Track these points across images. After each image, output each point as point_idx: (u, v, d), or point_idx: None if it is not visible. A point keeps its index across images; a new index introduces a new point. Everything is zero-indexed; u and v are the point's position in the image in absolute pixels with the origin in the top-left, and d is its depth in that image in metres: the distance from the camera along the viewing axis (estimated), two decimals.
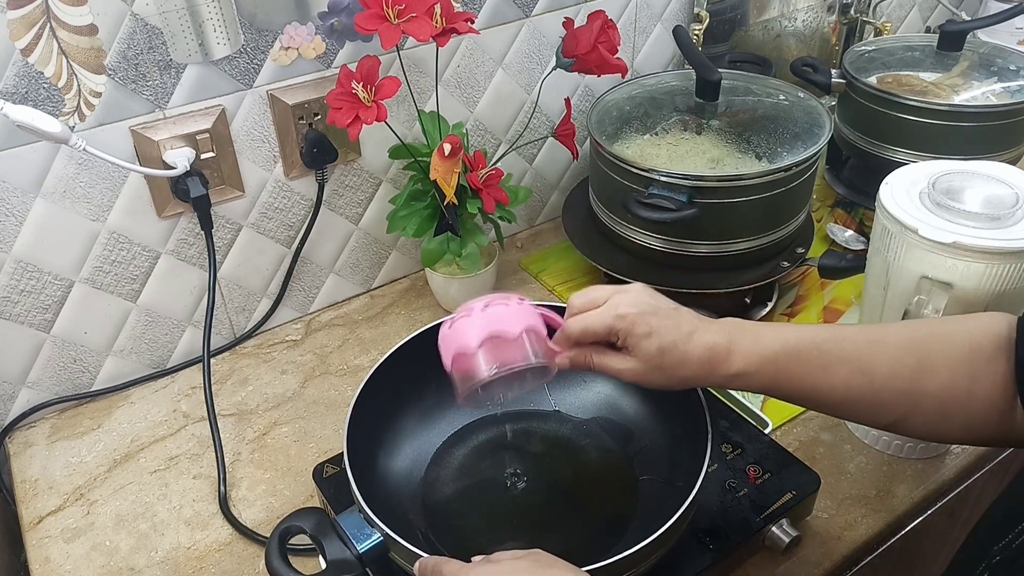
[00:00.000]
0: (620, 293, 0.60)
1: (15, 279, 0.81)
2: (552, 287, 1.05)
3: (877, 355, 0.55)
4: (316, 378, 0.93)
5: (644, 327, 0.57)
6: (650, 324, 0.58)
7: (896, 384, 0.55)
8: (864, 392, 0.56)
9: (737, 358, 0.57)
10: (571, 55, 0.91)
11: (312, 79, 0.89)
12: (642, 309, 0.58)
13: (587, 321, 0.59)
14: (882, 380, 0.55)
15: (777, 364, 0.57)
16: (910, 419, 0.56)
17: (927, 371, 0.54)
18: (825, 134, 0.93)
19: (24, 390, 0.87)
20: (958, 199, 0.69)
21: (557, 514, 0.70)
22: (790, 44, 1.30)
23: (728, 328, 0.59)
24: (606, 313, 0.59)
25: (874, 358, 0.55)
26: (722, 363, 0.57)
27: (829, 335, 0.58)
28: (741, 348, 0.57)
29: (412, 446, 0.75)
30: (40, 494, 0.81)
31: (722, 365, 0.57)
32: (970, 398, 0.53)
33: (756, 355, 0.57)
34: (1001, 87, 1.07)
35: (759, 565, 0.70)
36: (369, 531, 0.59)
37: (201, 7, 0.79)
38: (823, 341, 0.57)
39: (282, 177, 0.92)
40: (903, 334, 0.57)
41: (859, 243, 1.08)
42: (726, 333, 0.58)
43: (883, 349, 0.56)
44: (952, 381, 0.53)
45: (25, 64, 0.73)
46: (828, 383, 0.56)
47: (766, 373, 0.57)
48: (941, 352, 0.54)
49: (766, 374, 0.57)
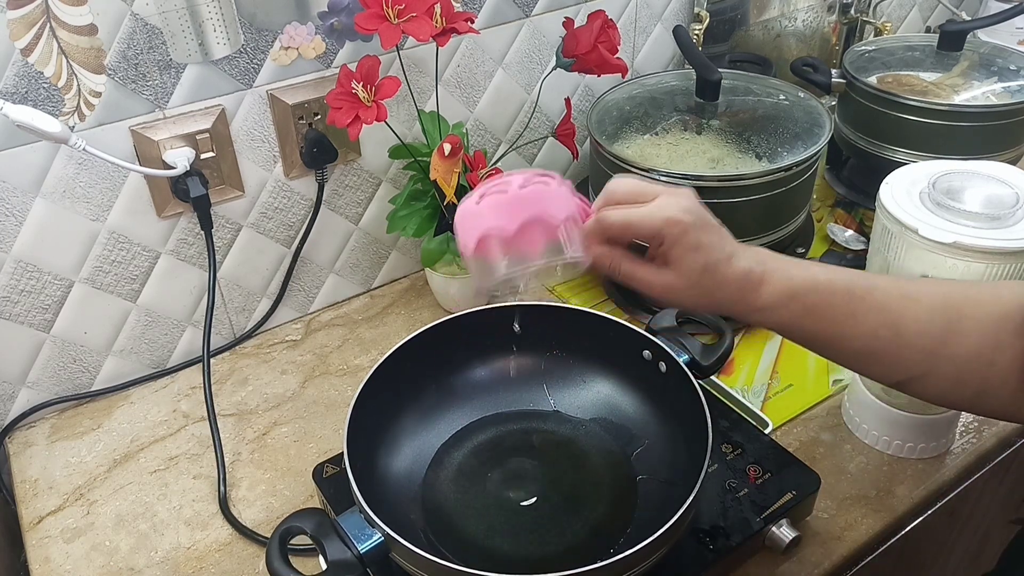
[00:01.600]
0: (670, 194, 0.54)
1: (15, 279, 0.81)
2: (552, 287, 1.05)
3: (908, 310, 0.53)
4: (316, 378, 0.93)
5: (694, 239, 0.53)
6: (700, 238, 0.53)
7: (922, 342, 0.53)
8: (888, 346, 0.54)
9: (767, 289, 0.54)
10: (571, 55, 0.91)
11: (312, 79, 0.89)
12: (695, 219, 0.53)
13: (632, 217, 0.53)
14: (909, 336, 0.53)
15: (805, 302, 0.54)
16: (924, 379, 0.54)
17: (955, 334, 0.52)
18: (825, 134, 0.93)
19: (24, 390, 0.87)
20: (958, 199, 0.69)
21: (557, 514, 0.70)
22: (790, 44, 1.29)
23: (762, 257, 0.56)
24: (657, 214, 0.53)
25: (905, 313, 0.53)
26: (753, 291, 0.55)
27: (862, 282, 0.55)
28: (773, 279, 0.54)
29: (412, 446, 0.75)
30: (40, 494, 0.81)
31: (752, 294, 0.55)
32: (990, 368, 0.52)
33: (786, 289, 0.54)
34: (1001, 87, 1.07)
35: (759, 565, 0.70)
36: (370, 531, 0.59)
37: (201, 7, 0.79)
38: (855, 287, 0.54)
39: (282, 177, 0.92)
40: (938, 293, 0.54)
41: (859, 243, 1.08)
42: (760, 262, 0.55)
43: (915, 305, 0.53)
44: (978, 348, 0.52)
45: (25, 64, 0.73)
46: (853, 330, 0.54)
47: (792, 309, 0.54)
48: (972, 316, 0.52)
49: (792, 310, 0.55)
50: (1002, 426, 0.84)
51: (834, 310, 0.54)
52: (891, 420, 0.79)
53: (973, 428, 0.84)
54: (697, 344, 0.74)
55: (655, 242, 0.54)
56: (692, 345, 0.74)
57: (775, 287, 0.54)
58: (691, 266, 0.53)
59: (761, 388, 0.88)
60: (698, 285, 0.54)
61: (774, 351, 0.93)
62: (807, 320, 0.55)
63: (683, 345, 0.73)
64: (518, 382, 0.80)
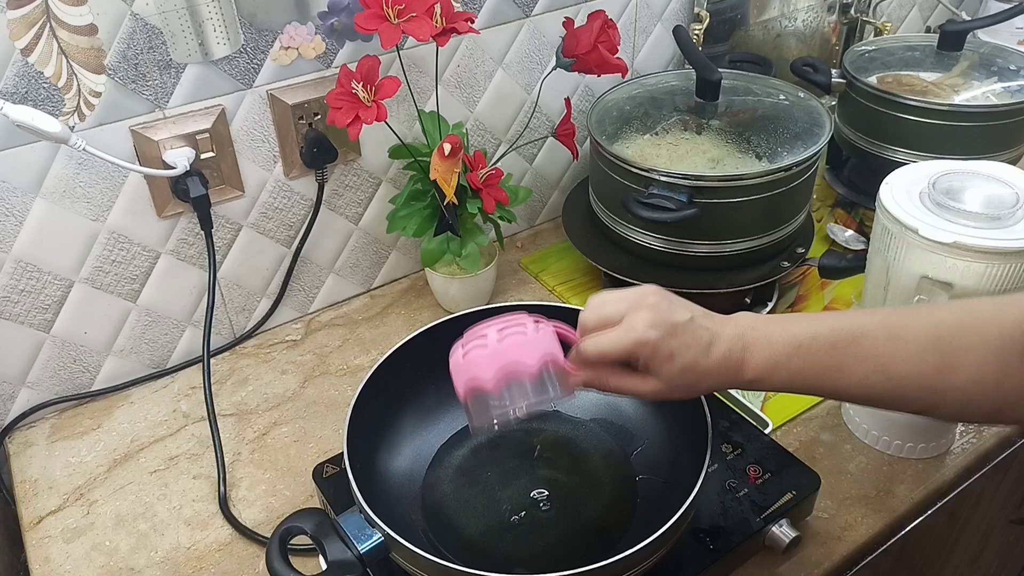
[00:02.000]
0: (635, 310, 0.56)
1: (15, 279, 0.81)
2: (552, 287, 1.05)
3: (897, 352, 0.53)
4: (316, 378, 0.93)
5: (665, 351, 0.55)
6: (671, 346, 0.55)
7: (917, 381, 0.53)
8: (884, 389, 0.54)
9: (751, 365, 0.56)
10: (571, 55, 0.91)
11: (312, 79, 0.89)
12: (662, 332, 0.55)
13: (603, 346, 0.56)
14: (901, 378, 0.53)
15: (790, 367, 0.55)
16: (935, 409, 0.55)
17: (951, 368, 0.52)
18: (825, 134, 0.93)
19: (24, 390, 0.87)
20: (958, 199, 0.69)
21: (557, 514, 0.70)
22: (790, 44, 1.29)
23: (741, 330, 0.57)
24: (624, 337, 0.56)
25: (894, 356, 0.53)
26: (736, 372, 0.56)
27: (846, 331, 0.55)
28: (754, 354, 0.56)
29: (412, 446, 0.75)
30: (40, 494, 0.81)
31: (737, 374, 0.56)
32: (999, 390, 0.52)
33: (769, 360, 0.56)
34: (1001, 87, 1.07)
35: (759, 565, 0.70)
36: (370, 531, 0.59)
37: (201, 7, 0.79)
38: (838, 339, 0.55)
39: (282, 177, 0.92)
40: (927, 328, 0.54)
41: (859, 243, 1.08)
42: (739, 337, 0.56)
43: (903, 347, 0.53)
44: (979, 376, 0.52)
45: (25, 64, 0.73)
46: (844, 382, 0.55)
47: (780, 376, 0.56)
48: (968, 348, 0.52)
49: (780, 377, 0.56)
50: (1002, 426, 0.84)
51: (820, 368, 0.55)
52: (891, 420, 0.79)
53: (973, 428, 0.83)
54: None
55: (632, 360, 0.57)
56: None
57: (757, 362, 0.56)
58: (670, 373, 0.56)
59: None
60: (682, 385, 0.57)
61: None
62: (797, 381, 0.56)
63: None
64: None
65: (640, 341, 0.55)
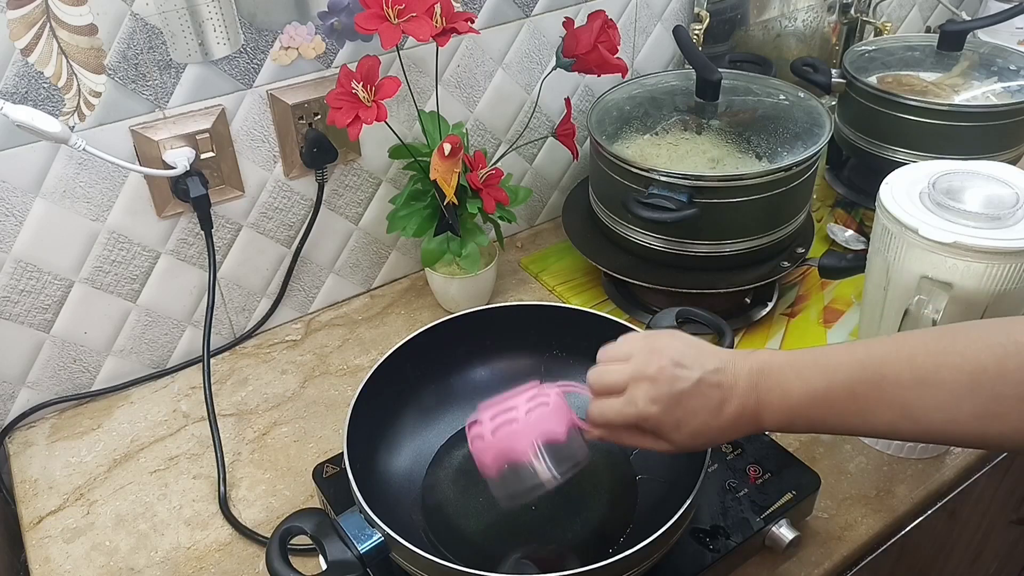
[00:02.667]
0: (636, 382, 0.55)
1: (15, 279, 0.81)
2: (552, 287, 1.05)
3: (927, 399, 0.48)
4: (316, 378, 0.93)
5: (671, 421, 0.54)
6: (676, 416, 0.54)
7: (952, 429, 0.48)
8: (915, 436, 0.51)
9: (768, 417, 0.54)
10: (571, 55, 0.91)
11: (312, 79, 0.89)
12: (663, 406, 0.54)
13: (608, 416, 0.56)
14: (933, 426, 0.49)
15: (810, 417, 0.53)
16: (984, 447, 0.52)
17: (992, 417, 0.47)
18: (825, 134, 0.93)
19: (24, 390, 0.87)
20: (958, 199, 0.69)
21: (557, 514, 0.70)
22: (790, 44, 1.29)
23: (754, 380, 0.54)
24: (626, 411, 0.55)
25: (923, 403, 0.49)
26: (753, 425, 0.55)
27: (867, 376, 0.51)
28: (769, 406, 0.54)
29: (412, 446, 0.75)
30: (40, 494, 0.81)
31: (754, 427, 0.55)
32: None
33: (786, 412, 0.53)
34: (1001, 87, 1.07)
35: (759, 565, 0.70)
36: (370, 531, 0.59)
37: (201, 7, 0.79)
38: (856, 384, 0.51)
39: (282, 177, 0.92)
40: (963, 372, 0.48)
41: (859, 243, 1.08)
42: (752, 390, 0.54)
43: (935, 393, 0.48)
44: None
45: (25, 64, 0.73)
46: (868, 427, 0.52)
47: (800, 424, 0.54)
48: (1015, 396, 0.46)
49: (801, 425, 0.54)
50: None
51: (841, 415, 0.52)
52: None
53: None
54: None
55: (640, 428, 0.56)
56: None
57: (774, 413, 0.54)
58: (680, 439, 0.55)
59: None
60: (697, 445, 0.56)
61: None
62: (819, 427, 0.54)
63: None
64: (518, 382, 0.79)
65: (642, 416, 0.55)
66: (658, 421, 0.54)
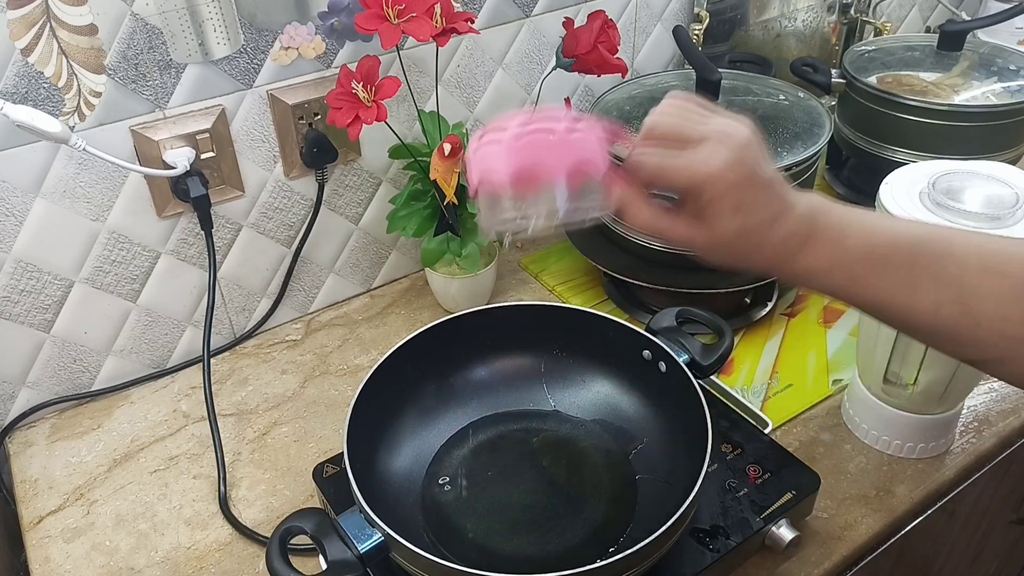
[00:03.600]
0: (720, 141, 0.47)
1: (15, 279, 0.81)
2: (552, 287, 1.05)
3: (987, 287, 0.45)
4: (316, 378, 0.93)
5: (735, 199, 0.47)
6: (743, 198, 0.47)
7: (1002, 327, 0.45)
8: (957, 325, 0.46)
9: (809, 255, 0.48)
10: (571, 55, 0.91)
11: (312, 79, 0.89)
12: (741, 176, 0.46)
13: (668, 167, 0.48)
14: (982, 318, 0.45)
15: (854, 272, 0.47)
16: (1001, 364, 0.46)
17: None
18: (825, 134, 0.93)
19: (24, 390, 0.87)
20: (958, 199, 0.69)
21: (557, 514, 0.70)
22: (790, 44, 1.30)
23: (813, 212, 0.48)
24: (699, 167, 0.47)
25: (982, 290, 0.45)
26: (792, 257, 0.48)
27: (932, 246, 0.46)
28: (818, 245, 0.48)
29: (412, 446, 0.75)
30: (40, 494, 0.81)
31: (791, 259, 0.48)
32: None
33: (832, 258, 0.48)
34: (1001, 87, 1.07)
35: (759, 565, 0.70)
36: (370, 531, 0.59)
37: (201, 7, 0.79)
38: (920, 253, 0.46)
39: (282, 177, 0.92)
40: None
41: None
42: (808, 219, 0.48)
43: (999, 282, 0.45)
44: None
45: (25, 64, 0.73)
46: (912, 304, 0.47)
47: (835, 279, 0.48)
48: None
49: (837, 279, 0.48)
50: (1002, 426, 0.84)
51: (889, 280, 0.47)
52: (891, 420, 0.79)
53: (973, 428, 0.84)
54: (697, 344, 0.74)
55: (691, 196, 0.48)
56: (692, 345, 0.74)
57: (817, 255, 0.48)
58: (727, 227, 0.47)
59: (761, 388, 0.88)
60: (730, 246, 0.48)
61: (774, 351, 0.93)
62: (856, 289, 0.48)
63: (683, 345, 0.73)
64: (518, 382, 0.80)
65: (714, 177, 0.46)
66: (725, 192, 0.46)
